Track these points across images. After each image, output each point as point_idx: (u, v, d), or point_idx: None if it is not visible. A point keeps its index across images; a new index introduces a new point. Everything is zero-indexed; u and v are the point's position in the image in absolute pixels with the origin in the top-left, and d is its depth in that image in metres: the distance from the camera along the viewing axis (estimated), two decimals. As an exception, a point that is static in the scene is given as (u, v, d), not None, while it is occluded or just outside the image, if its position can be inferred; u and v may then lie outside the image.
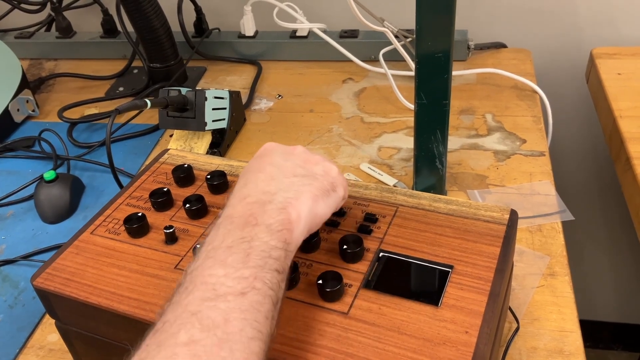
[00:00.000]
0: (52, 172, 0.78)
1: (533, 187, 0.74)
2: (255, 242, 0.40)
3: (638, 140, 0.77)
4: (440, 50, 0.61)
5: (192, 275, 0.38)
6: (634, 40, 1.01)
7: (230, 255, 0.39)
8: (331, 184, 0.46)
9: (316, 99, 0.96)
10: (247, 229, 0.40)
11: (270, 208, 0.42)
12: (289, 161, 0.47)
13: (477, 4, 1.04)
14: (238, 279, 0.37)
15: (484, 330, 0.42)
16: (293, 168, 0.46)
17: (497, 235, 0.49)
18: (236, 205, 0.43)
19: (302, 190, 0.44)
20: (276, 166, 0.46)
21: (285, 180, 0.44)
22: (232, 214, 0.42)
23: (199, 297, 0.36)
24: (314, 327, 0.43)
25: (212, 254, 0.39)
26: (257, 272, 0.38)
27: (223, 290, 0.36)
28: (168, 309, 0.37)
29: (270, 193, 0.43)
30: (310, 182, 0.45)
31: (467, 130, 0.85)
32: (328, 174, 0.46)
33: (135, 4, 0.91)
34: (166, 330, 0.35)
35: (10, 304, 0.67)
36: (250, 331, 0.36)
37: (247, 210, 0.42)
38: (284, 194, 0.43)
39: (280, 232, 0.41)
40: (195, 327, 0.35)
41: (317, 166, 0.47)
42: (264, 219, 0.41)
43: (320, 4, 1.08)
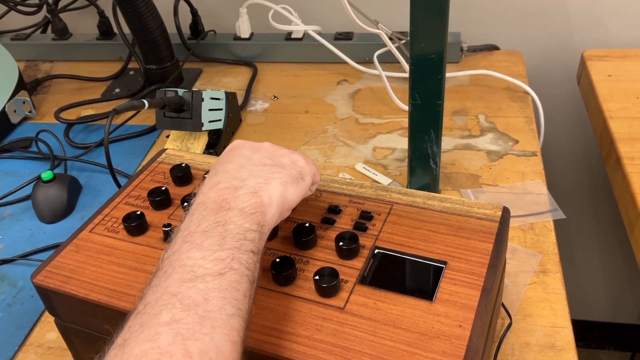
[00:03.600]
0: (49, 172, 0.78)
1: (525, 187, 0.75)
2: (229, 225, 0.41)
3: (627, 141, 0.79)
4: (434, 51, 0.62)
5: (170, 260, 0.39)
6: (623, 43, 1.03)
7: (206, 239, 0.40)
8: (299, 173, 0.48)
9: (311, 100, 0.97)
10: (220, 214, 0.42)
11: (242, 192, 0.43)
12: (257, 154, 0.49)
13: (470, 7, 1.05)
14: (215, 260, 0.39)
15: (477, 324, 0.43)
16: (261, 159, 0.48)
17: (489, 232, 0.50)
18: (208, 192, 0.44)
19: (272, 177, 0.46)
20: (245, 157, 0.48)
21: (255, 168, 0.46)
22: (205, 200, 0.43)
23: (178, 279, 0.38)
24: (310, 322, 0.44)
25: (188, 238, 0.40)
26: (234, 253, 0.39)
27: (201, 272, 0.38)
28: (148, 292, 0.38)
29: (241, 179, 0.45)
30: (279, 171, 0.47)
31: (461, 130, 0.86)
32: (295, 164, 0.49)
33: (131, 6, 0.91)
34: (148, 312, 0.36)
35: (8, 303, 0.67)
36: (229, 309, 0.37)
37: (220, 196, 0.43)
38: (255, 179, 0.45)
39: (253, 215, 0.42)
40: (177, 307, 0.36)
41: (283, 158, 0.49)
42: (236, 203, 0.42)
43: (315, 6, 1.09)
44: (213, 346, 0.35)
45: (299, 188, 0.47)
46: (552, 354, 0.56)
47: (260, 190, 0.44)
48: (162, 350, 0.33)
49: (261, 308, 0.45)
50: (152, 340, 0.34)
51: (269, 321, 0.44)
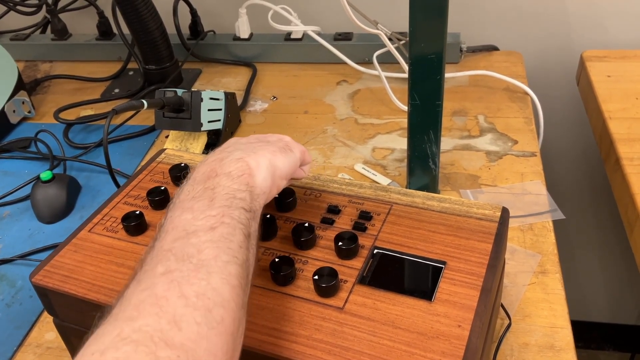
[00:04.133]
0: (48, 173, 0.78)
1: (524, 187, 0.75)
2: (217, 188, 0.42)
3: (627, 141, 0.79)
4: (433, 52, 0.62)
5: (164, 226, 0.41)
6: (623, 44, 1.03)
7: (196, 202, 0.41)
8: (286, 145, 0.49)
9: (311, 101, 0.97)
10: (209, 181, 0.43)
11: (227, 160, 0.45)
12: (244, 139, 0.51)
13: (469, 8, 1.05)
14: (206, 217, 0.40)
15: (476, 324, 0.43)
16: (248, 140, 0.50)
17: (489, 232, 0.50)
18: (197, 168, 0.46)
19: (258, 148, 0.47)
20: (232, 142, 0.50)
21: (241, 145, 0.48)
22: (195, 175, 0.45)
23: (171, 238, 0.39)
24: (310, 321, 0.44)
25: (179, 205, 0.42)
26: (224, 210, 0.40)
27: (193, 229, 0.39)
28: (146, 256, 0.39)
29: (228, 152, 0.46)
30: (266, 145, 0.48)
31: (460, 131, 0.86)
32: (281, 139, 0.51)
33: (131, 6, 0.91)
34: (144, 270, 0.37)
35: (7, 303, 0.67)
36: (224, 257, 0.38)
37: (207, 168, 0.45)
38: (241, 152, 0.46)
39: (241, 177, 0.43)
40: (170, 260, 0.37)
41: (270, 137, 0.51)
42: (223, 170, 0.44)
43: (314, 7, 1.09)
44: (210, 288, 0.35)
45: (287, 158, 0.48)
46: (551, 354, 0.55)
47: (246, 157, 0.45)
48: (158, 296, 0.34)
49: (260, 308, 0.45)
50: (149, 289, 0.35)
51: (268, 321, 0.44)
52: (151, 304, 0.34)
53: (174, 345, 0.32)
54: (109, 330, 0.33)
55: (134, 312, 0.34)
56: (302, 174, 0.53)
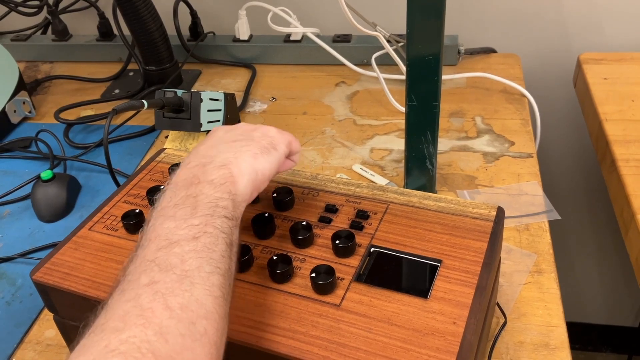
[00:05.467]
0: (49, 172, 0.79)
1: (521, 188, 0.75)
2: (200, 196, 0.42)
3: (622, 143, 0.79)
4: (430, 53, 0.62)
5: (147, 234, 0.41)
6: (619, 46, 1.04)
7: (178, 210, 0.41)
8: (270, 143, 0.49)
9: (309, 102, 0.98)
10: (191, 188, 0.43)
11: (210, 167, 0.45)
12: (230, 133, 0.50)
13: (467, 11, 1.06)
14: (189, 227, 0.40)
15: (471, 321, 0.43)
16: (233, 137, 0.49)
17: (484, 231, 0.50)
18: (179, 172, 0.45)
19: (240, 151, 0.47)
20: (217, 138, 0.49)
21: (224, 146, 0.47)
22: (176, 180, 0.45)
23: (154, 248, 0.39)
24: (307, 318, 0.44)
25: (161, 212, 0.42)
26: (207, 219, 0.40)
27: (176, 238, 0.39)
28: (129, 265, 0.39)
29: (210, 156, 0.46)
30: (248, 144, 0.48)
31: (457, 132, 0.87)
32: (266, 135, 0.50)
33: (131, 8, 0.92)
34: (128, 280, 0.37)
35: (7, 301, 0.68)
36: (207, 267, 0.38)
37: (189, 173, 0.44)
38: (224, 155, 0.46)
39: (223, 185, 0.43)
40: (154, 270, 0.37)
41: (255, 132, 0.50)
42: (205, 177, 0.44)
43: (314, 9, 1.10)
44: (194, 300, 0.36)
45: (270, 158, 0.48)
46: (546, 352, 0.56)
47: (229, 164, 0.45)
48: (143, 308, 0.34)
49: (258, 305, 0.46)
50: (133, 300, 0.35)
51: (265, 318, 0.45)
52: (137, 315, 0.34)
53: (161, 357, 0.32)
54: (96, 342, 0.33)
55: (120, 323, 0.34)
56: (290, 165, 0.52)
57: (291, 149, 0.51)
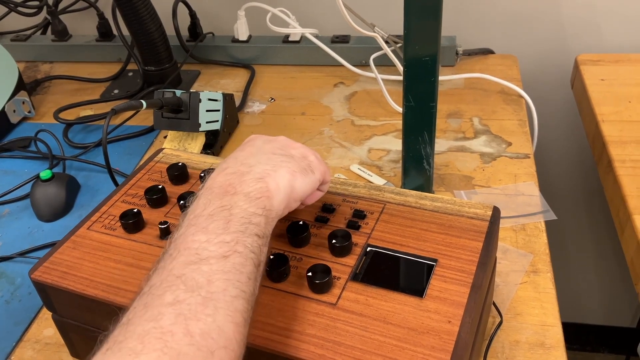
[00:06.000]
0: (48, 172, 0.79)
1: (517, 188, 0.76)
2: (234, 209, 0.41)
3: (619, 144, 0.80)
4: (428, 54, 0.63)
5: (176, 243, 0.40)
6: (616, 48, 1.04)
7: (211, 222, 0.40)
8: (308, 166, 0.48)
9: (308, 102, 0.98)
10: (226, 198, 0.42)
11: (248, 178, 0.44)
12: (269, 144, 0.49)
13: (465, 12, 1.06)
14: (220, 243, 0.39)
15: (466, 320, 0.44)
16: (272, 149, 0.48)
17: (480, 230, 0.51)
18: (215, 177, 0.45)
19: (280, 165, 0.46)
20: (256, 147, 0.49)
21: (263, 156, 0.47)
22: (212, 185, 0.44)
23: (183, 261, 0.38)
24: (303, 317, 0.45)
25: (194, 222, 0.41)
26: (238, 236, 0.40)
27: (205, 254, 0.38)
28: (154, 274, 0.38)
29: (249, 165, 0.45)
30: (288, 160, 0.47)
31: (455, 133, 0.87)
32: (305, 157, 0.49)
33: (130, 8, 0.92)
34: (152, 293, 0.37)
35: (6, 300, 0.68)
36: (233, 290, 0.37)
37: (226, 180, 0.44)
38: (262, 166, 0.45)
39: (259, 199, 0.43)
40: (180, 289, 0.36)
41: (294, 150, 0.49)
42: (242, 188, 0.43)
43: (312, 10, 1.10)
44: (215, 327, 0.35)
45: (307, 179, 0.47)
46: (541, 351, 0.56)
47: (267, 177, 0.44)
48: (164, 330, 0.34)
49: (257, 302, 0.46)
50: (155, 320, 0.35)
51: (262, 316, 0.45)
52: (156, 338, 0.33)
53: None
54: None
55: (139, 344, 0.33)
56: (318, 195, 0.51)
57: (324, 179, 0.50)
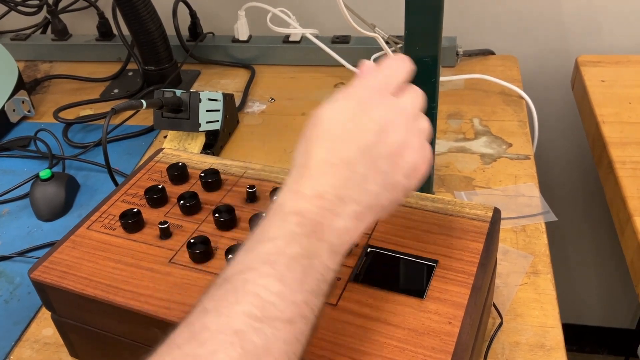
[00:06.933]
0: (47, 171, 0.79)
1: (518, 189, 0.76)
2: (315, 260, 0.36)
3: (619, 145, 0.80)
4: (428, 55, 0.63)
5: (245, 277, 0.35)
6: (617, 49, 1.04)
7: (290, 271, 0.35)
8: (405, 194, 0.41)
9: (308, 103, 0.98)
10: (312, 241, 0.37)
11: (339, 225, 0.38)
12: (380, 150, 0.39)
13: (466, 13, 1.06)
14: (290, 303, 0.34)
15: (467, 321, 0.44)
16: (378, 169, 0.39)
17: (480, 231, 0.50)
18: (309, 201, 0.38)
19: (374, 204, 0.39)
20: (365, 159, 0.39)
21: (362, 189, 0.39)
22: (303, 212, 0.37)
23: (247, 312, 0.33)
24: (303, 317, 0.45)
25: (273, 258, 0.35)
26: (309, 298, 0.35)
27: (272, 314, 0.34)
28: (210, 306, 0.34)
29: (344, 202, 0.38)
30: (387, 197, 0.40)
31: (455, 134, 0.87)
32: (410, 181, 0.41)
33: (131, 8, 0.92)
34: (204, 342, 0.33)
35: (5, 299, 0.68)
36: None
37: (318, 216, 0.37)
38: (356, 206, 0.38)
39: (339, 253, 0.38)
40: (236, 351, 0.32)
41: (404, 168, 0.40)
42: (330, 237, 0.37)
43: (313, 10, 1.10)
44: None
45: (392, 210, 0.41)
46: (541, 353, 0.56)
47: (358, 224, 0.39)
48: None
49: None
50: None
51: (262, 317, 0.45)
52: None
53: None
54: None
55: None
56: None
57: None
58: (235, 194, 0.58)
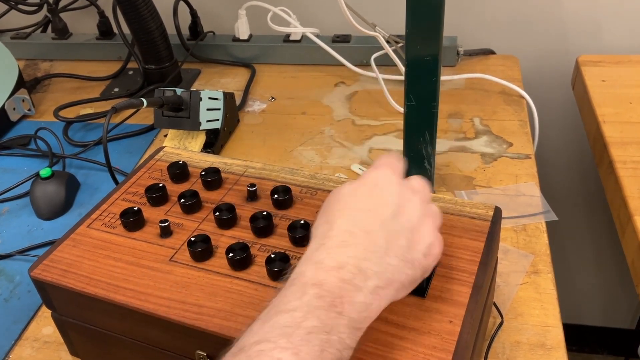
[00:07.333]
0: (48, 169, 0.79)
1: (518, 189, 0.76)
2: (334, 335, 0.35)
3: (620, 145, 0.80)
4: (429, 54, 0.63)
5: (260, 348, 0.34)
6: (617, 49, 1.04)
7: (306, 344, 0.34)
8: (423, 272, 0.42)
9: (309, 102, 0.98)
10: (331, 315, 0.36)
11: (358, 300, 0.37)
12: (398, 223, 0.41)
13: (467, 13, 1.06)
14: None
15: (468, 320, 0.43)
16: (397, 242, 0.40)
17: (481, 230, 0.50)
18: (329, 272, 0.38)
19: (394, 279, 0.40)
20: (383, 228, 0.40)
21: (383, 261, 0.39)
22: (323, 284, 0.37)
23: None
24: (304, 316, 0.45)
25: (289, 331, 0.35)
26: None
27: None
28: None
29: (366, 276, 0.38)
30: (406, 272, 0.40)
31: (456, 133, 0.87)
32: (427, 259, 0.42)
33: (131, 7, 0.92)
34: None
35: (5, 298, 0.68)
36: None
37: (338, 288, 0.37)
38: (376, 281, 0.39)
39: (358, 329, 0.37)
40: None
41: (420, 245, 0.42)
42: (349, 311, 0.37)
43: (313, 9, 1.10)
44: None
45: (414, 286, 0.42)
46: (542, 352, 0.56)
47: (379, 294, 0.38)
48: None
49: (256, 302, 0.46)
50: None
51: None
52: None
53: None
54: None
55: None
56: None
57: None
58: (235, 193, 0.57)
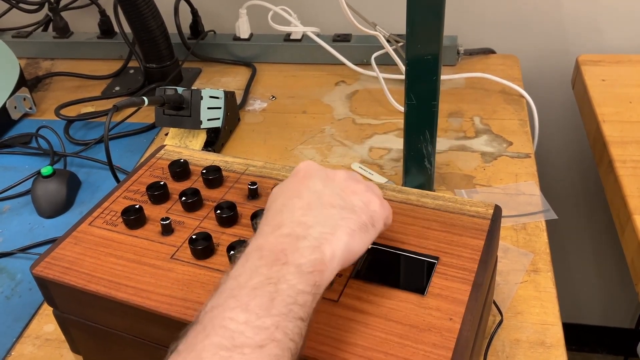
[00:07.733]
0: (49, 168, 0.79)
1: (518, 188, 0.76)
2: (281, 284, 0.37)
3: (620, 144, 0.80)
4: (430, 53, 0.63)
5: (212, 314, 0.36)
6: (617, 48, 1.04)
7: (254, 298, 0.36)
8: (370, 218, 0.43)
9: (309, 101, 0.98)
10: (275, 268, 0.37)
11: (303, 245, 0.39)
12: (328, 187, 0.44)
13: (467, 12, 1.06)
14: (258, 328, 0.35)
15: (468, 317, 0.44)
16: (331, 197, 0.43)
17: (481, 229, 0.51)
18: (268, 235, 0.40)
19: (339, 225, 0.41)
20: (315, 193, 0.43)
21: (323, 212, 0.42)
22: (263, 245, 0.39)
23: (216, 343, 0.34)
24: (305, 313, 0.45)
25: (235, 292, 0.36)
26: (279, 320, 0.35)
27: (241, 341, 0.34)
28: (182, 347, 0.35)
29: (306, 225, 0.40)
30: (349, 216, 0.42)
31: (456, 132, 0.87)
32: (367, 206, 0.44)
33: (132, 5, 0.92)
34: None
35: (7, 295, 0.68)
36: None
37: (279, 244, 0.39)
38: (320, 228, 0.40)
39: (310, 273, 0.38)
40: None
41: (355, 196, 0.44)
42: (294, 257, 0.38)
43: (314, 8, 1.10)
44: None
45: (366, 237, 0.43)
46: (541, 350, 0.57)
47: (324, 244, 0.40)
48: None
49: None
50: None
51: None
52: None
53: None
54: None
55: None
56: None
57: (385, 223, 0.46)
58: (236, 191, 0.58)
